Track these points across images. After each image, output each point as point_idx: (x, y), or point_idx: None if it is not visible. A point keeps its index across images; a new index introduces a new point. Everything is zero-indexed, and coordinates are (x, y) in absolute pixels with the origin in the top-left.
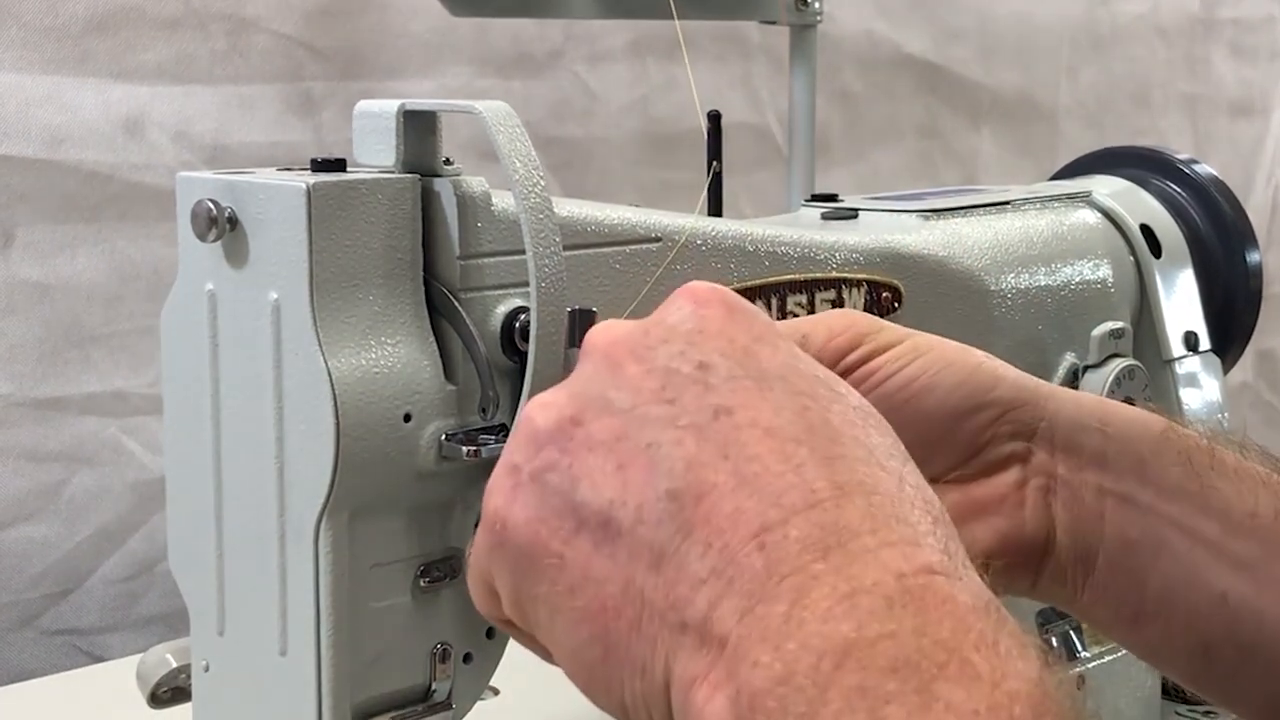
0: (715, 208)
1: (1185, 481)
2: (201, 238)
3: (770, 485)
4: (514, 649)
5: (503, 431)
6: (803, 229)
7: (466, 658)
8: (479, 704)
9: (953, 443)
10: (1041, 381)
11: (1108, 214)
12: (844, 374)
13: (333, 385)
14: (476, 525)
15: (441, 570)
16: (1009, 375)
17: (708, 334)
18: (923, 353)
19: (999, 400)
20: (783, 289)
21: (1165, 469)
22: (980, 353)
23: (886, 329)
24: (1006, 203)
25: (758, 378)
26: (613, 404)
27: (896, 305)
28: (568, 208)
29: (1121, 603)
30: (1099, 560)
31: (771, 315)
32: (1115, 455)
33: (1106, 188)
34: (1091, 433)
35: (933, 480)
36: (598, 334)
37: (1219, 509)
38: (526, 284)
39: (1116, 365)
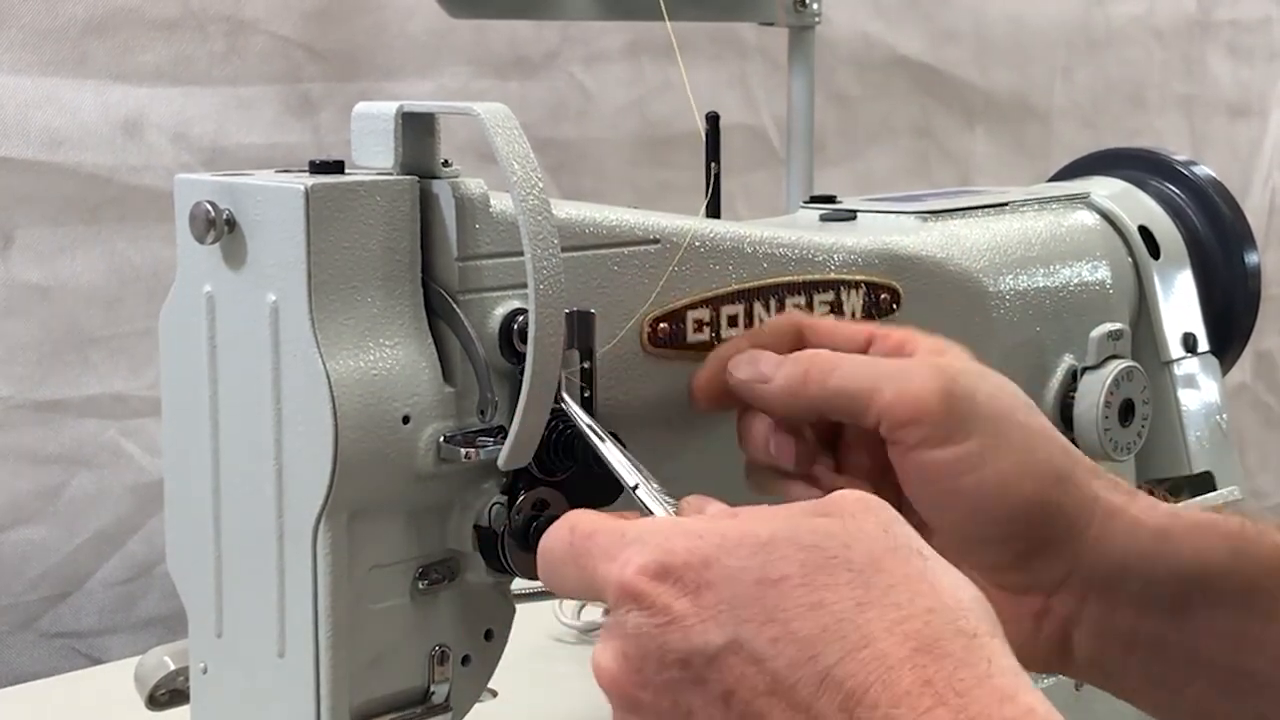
0: (713, 209)
1: (1240, 622)
2: (200, 240)
3: None
4: (512, 650)
5: (500, 433)
6: (801, 230)
7: (465, 660)
8: (477, 706)
9: (988, 552)
10: (1105, 498)
11: (1106, 215)
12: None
13: (331, 387)
14: (475, 528)
15: (440, 572)
16: (1070, 501)
17: (668, 622)
18: (992, 460)
19: (1050, 536)
20: (781, 290)
21: (1218, 609)
22: (1058, 463)
23: (964, 413)
24: (1005, 204)
25: (730, 644)
26: None
27: (895, 307)
28: (566, 209)
29: (1151, 706)
30: (1121, 681)
31: (770, 317)
32: (1159, 596)
33: (1105, 189)
34: (1135, 578)
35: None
36: (599, 675)
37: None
38: (525, 286)
39: (1115, 366)
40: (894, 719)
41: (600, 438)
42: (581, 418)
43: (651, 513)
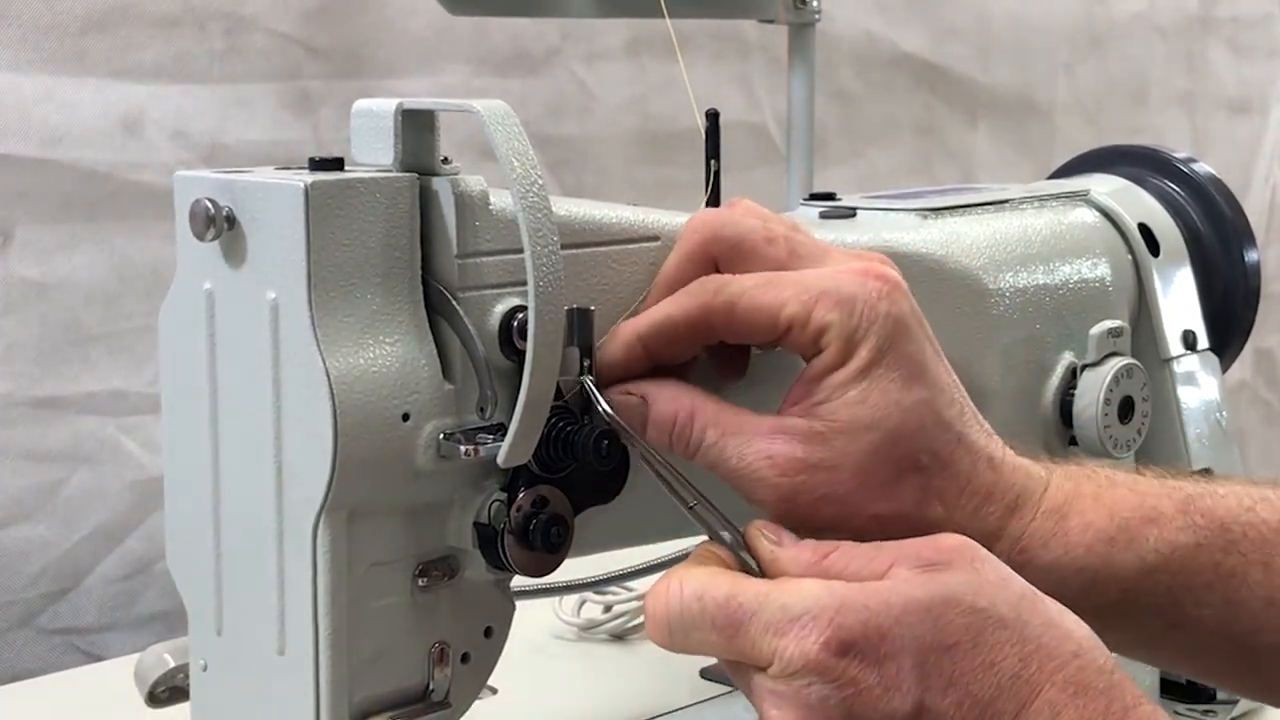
0: (713, 206)
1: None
2: (199, 237)
3: None
4: (512, 648)
5: (500, 430)
6: None
7: (464, 657)
8: (477, 703)
9: None
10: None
11: (1106, 213)
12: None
13: (331, 385)
14: (475, 525)
15: (439, 569)
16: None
17: (855, 694)
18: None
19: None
20: None
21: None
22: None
23: (1039, 497)
24: (1004, 201)
25: (916, 709)
26: None
27: None
28: (566, 207)
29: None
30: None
31: None
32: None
33: (1104, 186)
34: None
35: None
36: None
37: None
38: (524, 283)
39: (1114, 364)
40: None
41: (656, 460)
42: (630, 433)
43: (720, 536)
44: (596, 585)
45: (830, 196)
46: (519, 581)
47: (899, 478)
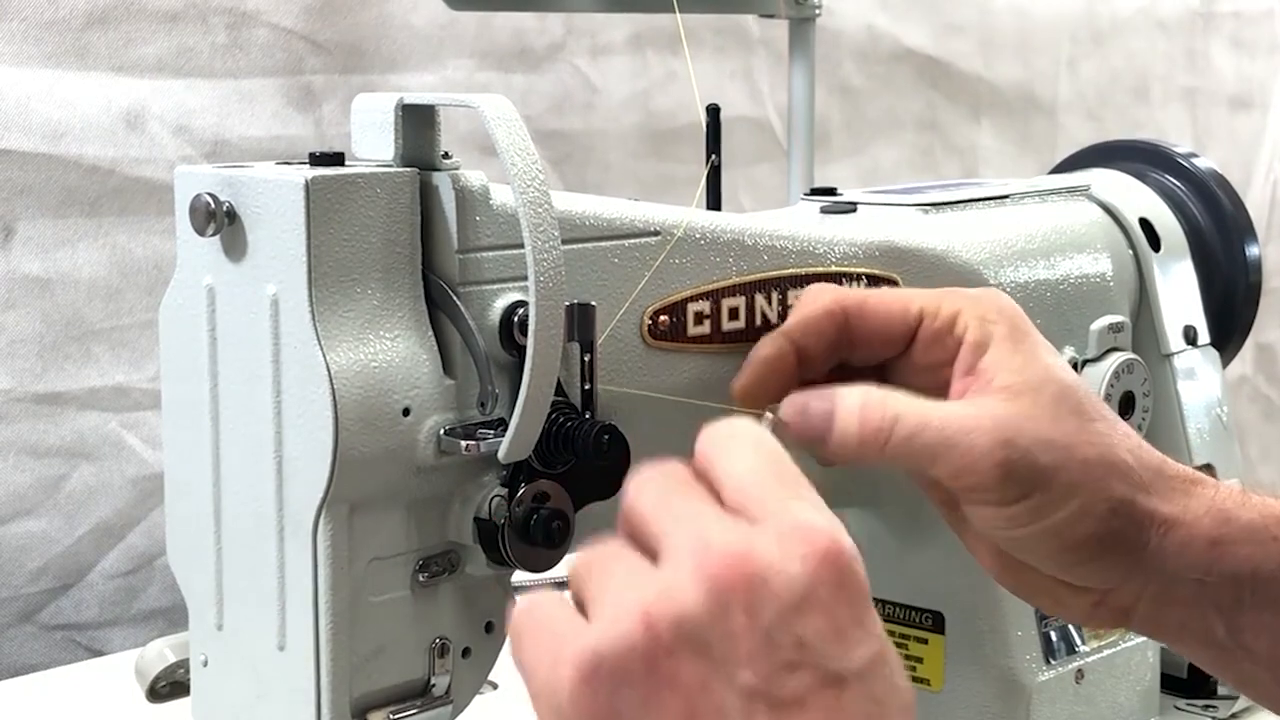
0: (714, 201)
1: None
2: (200, 232)
3: None
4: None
5: (501, 426)
6: (801, 223)
7: (465, 652)
8: (478, 698)
9: (1045, 567)
10: (1161, 513)
11: (1107, 208)
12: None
13: (331, 380)
14: (475, 520)
15: (440, 565)
16: (1127, 526)
17: (814, 604)
18: (1048, 512)
19: (1105, 558)
20: (782, 283)
21: (1266, 610)
22: (1117, 494)
23: (1021, 476)
24: (1005, 196)
25: (837, 681)
26: (710, 649)
27: None
28: (566, 202)
29: (1206, 668)
30: (1175, 650)
31: (771, 309)
32: (1210, 598)
33: (1106, 181)
34: (1187, 584)
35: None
36: (724, 559)
37: None
38: (525, 278)
39: (1115, 359)
40: None
41: None
42: None
43: None
44: None
45: (832, 191)
46: (520, 576)
47: (1087, 424)
